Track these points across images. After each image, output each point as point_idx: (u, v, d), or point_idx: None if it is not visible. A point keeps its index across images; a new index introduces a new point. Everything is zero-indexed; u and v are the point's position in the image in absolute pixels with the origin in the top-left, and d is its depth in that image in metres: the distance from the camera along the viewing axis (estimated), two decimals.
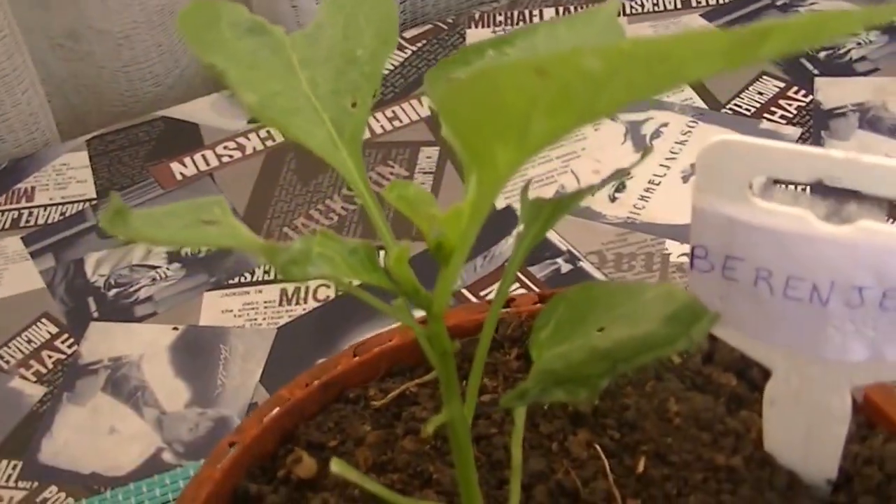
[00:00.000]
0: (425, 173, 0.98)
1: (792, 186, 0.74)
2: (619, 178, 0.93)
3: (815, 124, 0.97)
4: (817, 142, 0.95)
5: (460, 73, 0.39)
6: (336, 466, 0.39)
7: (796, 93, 1.00)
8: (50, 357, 0.86)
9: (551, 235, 0.90)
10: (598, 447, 0.50)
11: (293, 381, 0.53)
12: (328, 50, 0.42)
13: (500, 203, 0.93)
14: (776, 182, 0.42)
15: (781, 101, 1.00)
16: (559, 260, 0.88)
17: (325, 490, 0.50)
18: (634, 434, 0.51)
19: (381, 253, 0.39)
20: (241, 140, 1.03)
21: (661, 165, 0.95)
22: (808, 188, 0.75)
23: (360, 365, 0.54)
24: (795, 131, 0.96)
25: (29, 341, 0.88)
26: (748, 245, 0.42)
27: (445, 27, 1.13)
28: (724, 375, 0.53)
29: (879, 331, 0.42)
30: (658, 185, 0.93)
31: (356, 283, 0.38)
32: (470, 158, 0.31)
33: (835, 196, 0.40)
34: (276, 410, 0.52)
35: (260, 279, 0.90)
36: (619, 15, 1.10)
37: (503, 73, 0.26)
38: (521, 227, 0.42)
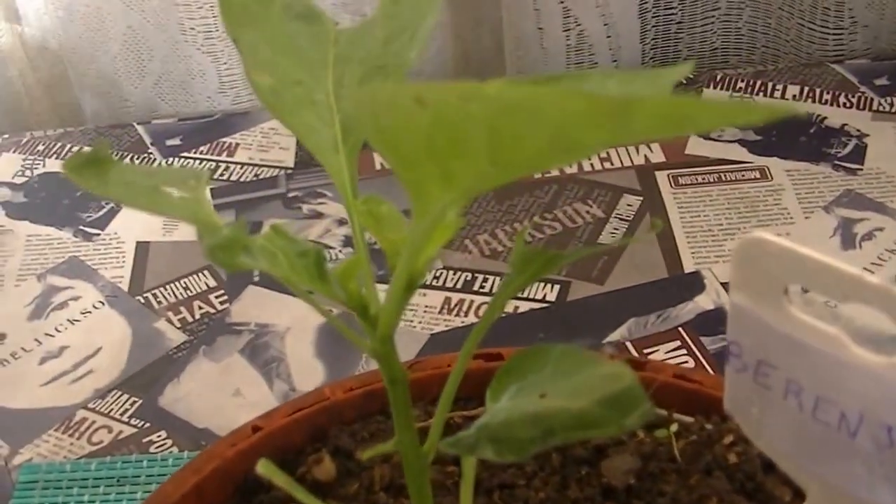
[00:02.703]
0: (621, 219, 0.95)
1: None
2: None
3: None
4: None
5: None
6: (262, 468, 0.38)
7: None
8: (200, 308, 0.88)
9: None
10: None
11: (338, 382, 0.52)
12: (366, 52, 0.41)
13: (689, 266, 0.90)
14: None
15: None
16: None
17: (337, 498, 0.49)
18: None
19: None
20: None
21: (866, 269, 0.90)
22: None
23: (411, 383, 0.53)
24: None
25: (186, 288, 0.89)
26: (780, 353, 0.39)
27: (685, 82, 1.10)
28: (780, 488, 0.49)
29: None
30: None
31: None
32: (402, 184, 0.30)
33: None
34: (311, 407, 0.51)
35: (427, 283, 0.89)
36: (860, 108, 1.06)
37: (384, 96, 0.25)
38: (510, 273, 0.40)
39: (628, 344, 0.84)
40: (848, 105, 1.07)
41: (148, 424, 0.79)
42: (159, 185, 0.36)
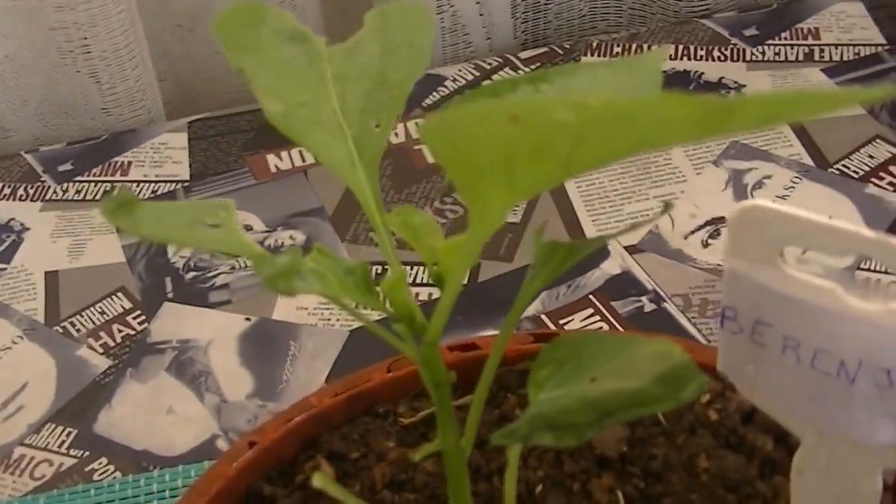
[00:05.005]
0: None
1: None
2: (638, 227, 0.92)
3: None
4: None
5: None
6: (318, 481, 0.39)
7: None
8: (120, 331, 0.87)
9: (638, 273, 0.88)
10: (619, 493, 0.49)
11: (323, 388, 0.53)
12: (364, 67, 0.42)
13: (592, 234, 0.92)
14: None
15: (892, 168, 0.96)
16: (644, 298, 0.86)
17: (340, 501, 0.49)
18: (658, 485, 0.50)
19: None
20: None
21: None
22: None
23: (393, 381, 0.54)
24: None
25: (102, 313, 0.88)
26: (777, 312, 0.41)
27: (561, 52, 1.12)
28: (761, 437, 0.51)
29: None
30: None
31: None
32: (463, 195, 0.31)
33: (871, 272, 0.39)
34: (300, 416, 0.52)
35: None
36: (735, 60, 1.08)
37: (477, 116, 0.26)
38: (532, 269, 0.41)
39: (544, 317, 0.86)
40: (722, 58, 1.10)
41: (87, 453, 0.79)
42: (194, 221, 0.36)
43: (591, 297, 0.87)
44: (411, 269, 0.90)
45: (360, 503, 0.43)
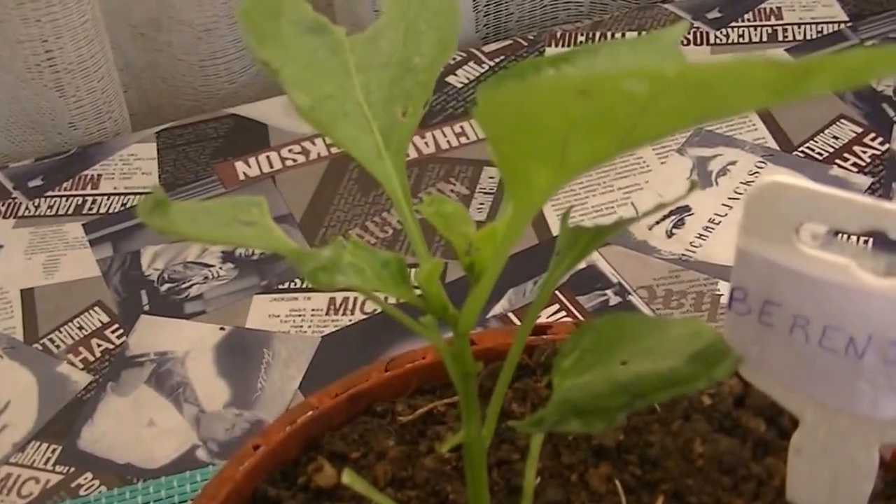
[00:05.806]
0: (486, 193, 0.97)
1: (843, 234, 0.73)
2: (657, 212, 0.93)
3: (888, 175, 0.95)
4: (887, 193, 0.92)
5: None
6: (347, 478, 0.40)
7: (873, 140, 0.98)
8: (99, 346, 0.87)
9: (603, 266, 0.89)
10: (617, 482, 0.50)
11: (323, 389, 0.54)
12: (387, 55, 0.42)
13: (557, 229, 0.92)
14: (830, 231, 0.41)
15: (856, 148, 0.97)
16: (609, 292, 0.88)
17: (343, 501, 0.51)
18: (656, 472, 0.51)
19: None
20: (307, 144, 1.04)
21: (724, 205, 0.94)
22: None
23: (390, 379, 0.55)
24: (866, 181, 0.94)
25: (80, 328, 0.89)
26: (788, 291, 0.42)
27: (525, 44, 1.12)
28: (753, 420, 0.52)
29: None
30: (718, 224, 0.92)
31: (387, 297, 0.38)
32: (507, 177, 0.31)
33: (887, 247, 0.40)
34: (302, 417, 0.53)
35: (309, 286, 0.90)
36: (698, 44, 1.09)
37: (544, 90, 0.26)
38: (557, 254, 0.42)
39: (511, 315, 0.87)
40: (685, 42, 1.10)
41: (73, 469, 0.79)
42: (228, 220, 0.37)
43: (557, 292, 0.88)
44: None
45: (385, 499, 0.44)
